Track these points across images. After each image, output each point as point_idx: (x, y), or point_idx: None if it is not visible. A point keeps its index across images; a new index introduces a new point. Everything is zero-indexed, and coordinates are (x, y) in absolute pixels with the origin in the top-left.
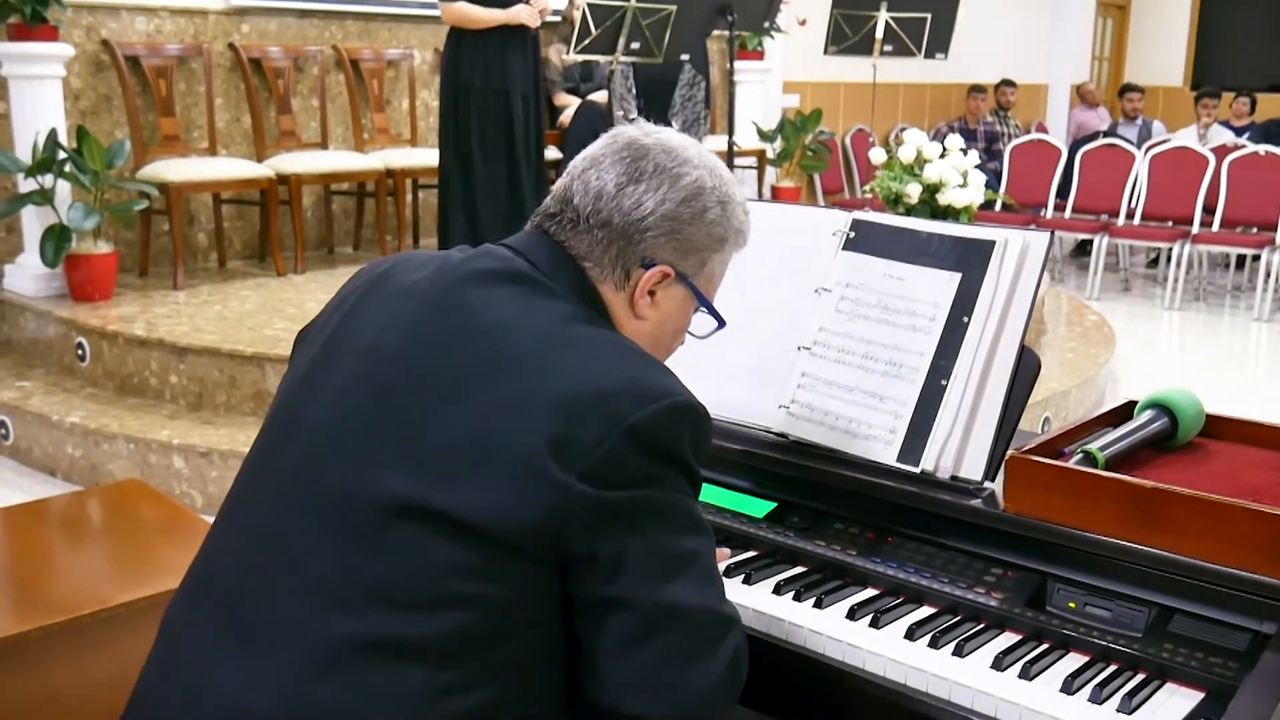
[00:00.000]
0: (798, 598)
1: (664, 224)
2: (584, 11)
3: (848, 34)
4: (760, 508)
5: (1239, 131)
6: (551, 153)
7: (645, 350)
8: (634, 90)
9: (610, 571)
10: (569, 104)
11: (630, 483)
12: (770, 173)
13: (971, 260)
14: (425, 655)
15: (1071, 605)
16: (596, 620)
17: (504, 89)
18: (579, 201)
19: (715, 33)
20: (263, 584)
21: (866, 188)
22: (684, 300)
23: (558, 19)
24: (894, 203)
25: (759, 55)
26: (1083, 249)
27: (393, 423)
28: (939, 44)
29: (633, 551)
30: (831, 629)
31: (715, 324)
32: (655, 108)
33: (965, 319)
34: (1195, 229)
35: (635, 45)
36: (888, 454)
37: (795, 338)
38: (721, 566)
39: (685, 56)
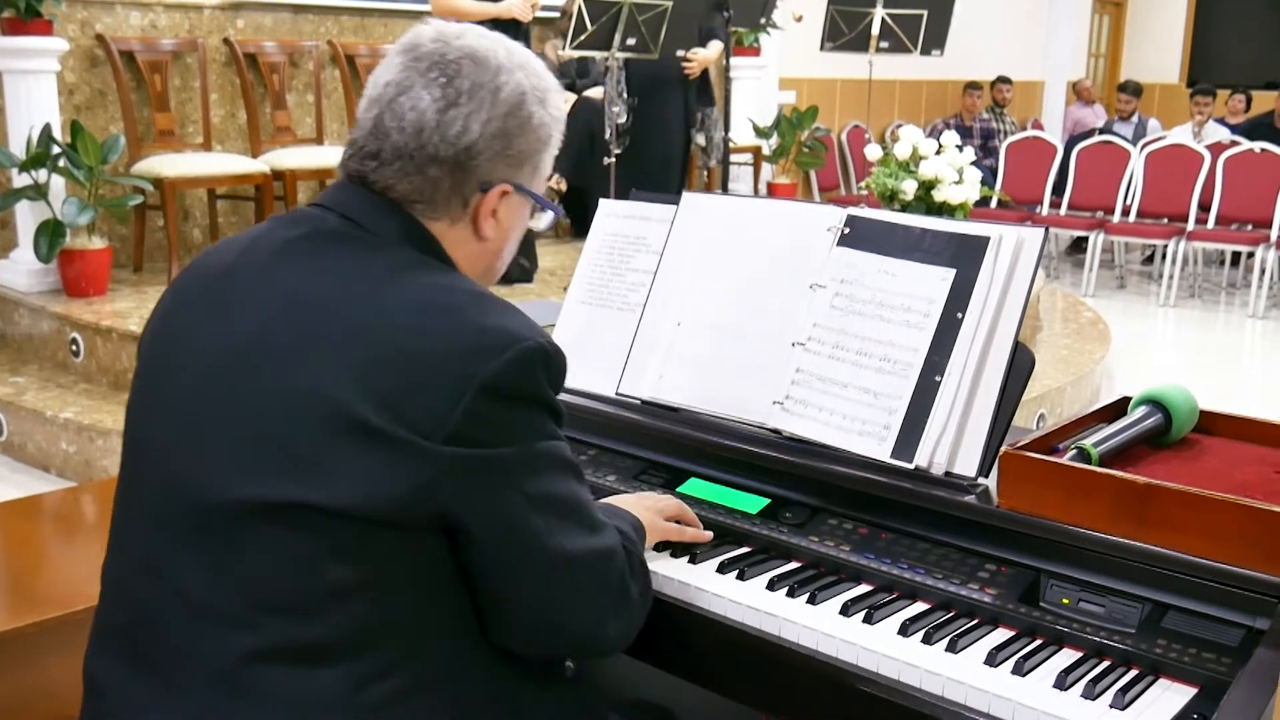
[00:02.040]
0: (791, 594)
1: (494, 144)
2: (580, 7)
3: (844, 30)
4: (754, 503)
5: (1234, 129)
6: None
7: (475, 285)
8: (624, 90)
9: (492, 529)
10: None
11: (497, 437)
12: (766, 169)
13: (966, 256)
14: (329, 652)
15: (1065, 601)
16: (486, 575)
17: None
18: (398, 138)
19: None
20: (156, 617)
21: (862, 184)
22: (521, 207)
23: (555, 14)
24: (890, 199)
25: (755, 51)
26: (1078, 246)
27: (235, 425)
28: (935, 41)
29: (512, 506)
30: (825, 625)
31: (551, 215)
32: (647, 106)
33: (959, 315)
34: (1190, 226)
35: (631, 41)
36: (882, 450)
37: (789, 333)
38: (716, 559)
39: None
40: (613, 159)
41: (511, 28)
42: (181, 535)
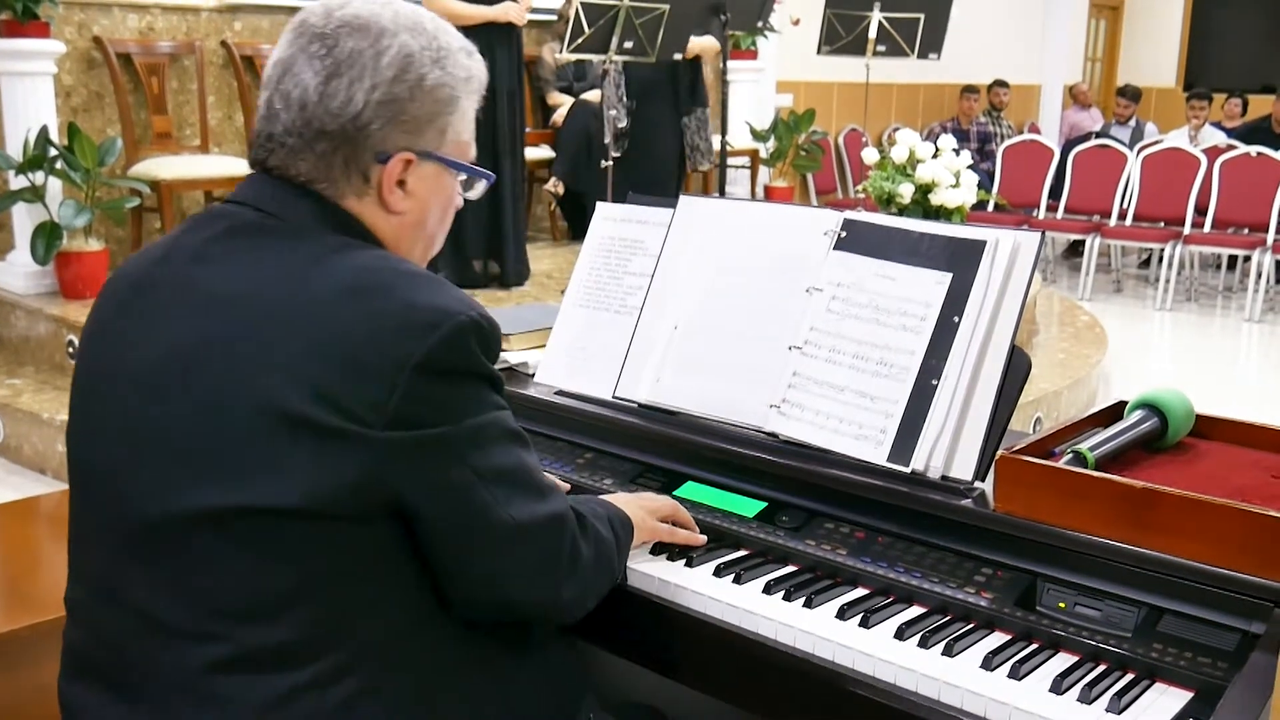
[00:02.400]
0: (787, 597)
1: (383, 111)
2: (577, 10)
3: (841, 34)
4: (750, 507)
5: (1231, 133)
6: (544, 152)
7: (403, 263)
8: (624, 93)
9: (442, 507)
10: (562, 103)
11: (438, 415)
12: (763, 172)
13: (962, 260)
14: (292, 653)
15: (1061, 605)
16: (439, 552)
17: (490, 87)
18: (286, 117)
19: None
20: (118, 640)
21: (859, 188)
22: (439, 176)
23: (552, 18)
24: (887, 203)
25: (752, 55)
26: (1075, 249)
27: (175, 437)
28: (932, 44)
29: (460, 482)
30: (821, 629)
31: (484, 181)
32: (645, 110)
33: (956, 319)
34: (1187, 230)
35: (629, 44)
36: (878, 454)
37: (786, 337)
38: (713, 562)
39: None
40: (610, 162)
41: (506, 32)
42: (133, 554)
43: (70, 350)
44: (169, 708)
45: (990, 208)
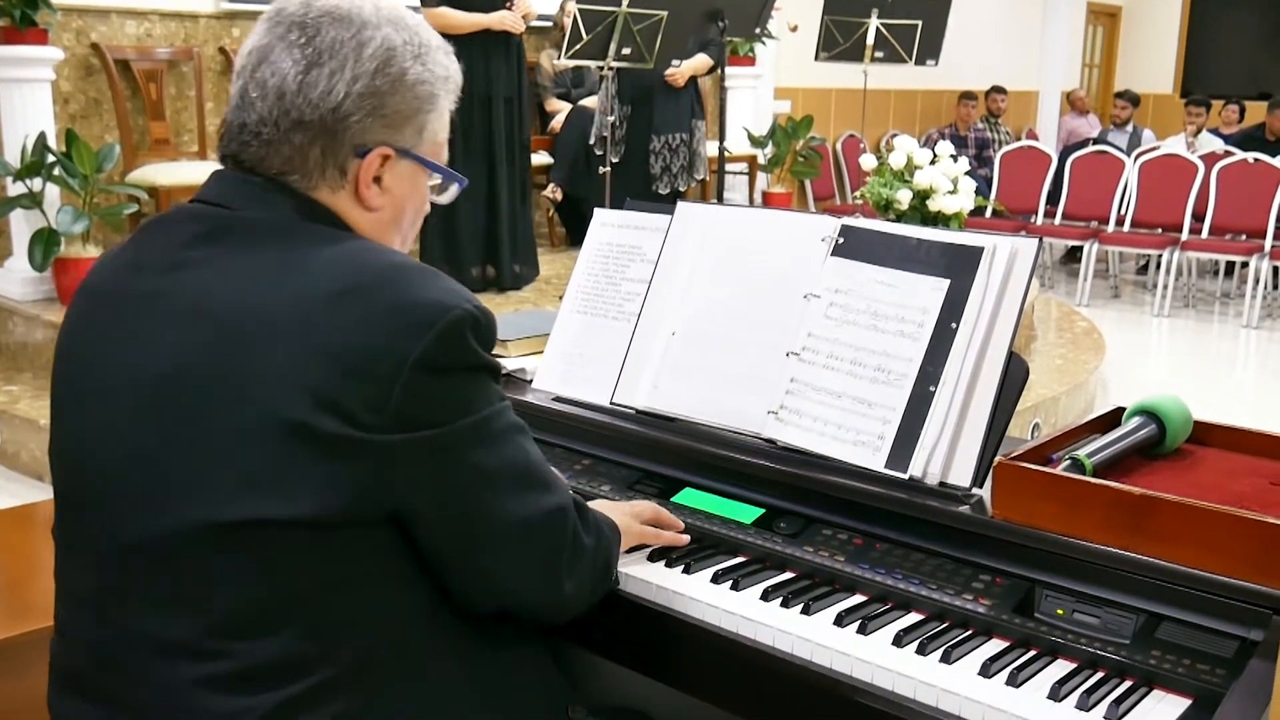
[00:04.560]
0: (785, 604)
1: (364, 103)
2: (575, 17)
3: (839, 40)
4: (748, 513)
5: (1228, 139)
6: (543, 158)
7: (391, 254)
8: (616, 100)
9: (446, 506)
10: (560, 109)
11: (440, 414)
12: (761, 178)
13: (960, 266)
14: (288, 667)
15: (1059, 612)
16: (443, 552)
17: (486, 95)
18: (261, 107)
19: None
20: (114, 656)
21: (857, 194)
22: (414, 175)
23: (549, 24)
24: (885, 209)
25: (750, 61)
26: (1073, 255)
27: (171, 449)
28: (930, 51)
29: (464, 481)
30: (819, 635)
31: (456, 184)
32: (639, 116)
33: (954, 325)
34: (1184, 236)
35: (626, 50)
36: (876, 460)
37: (784, 343)
38: (711, 569)
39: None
40: (608, 168)
41: (503, 40)
42: (126, 571)
43: None
44: None
45: (988, 214)
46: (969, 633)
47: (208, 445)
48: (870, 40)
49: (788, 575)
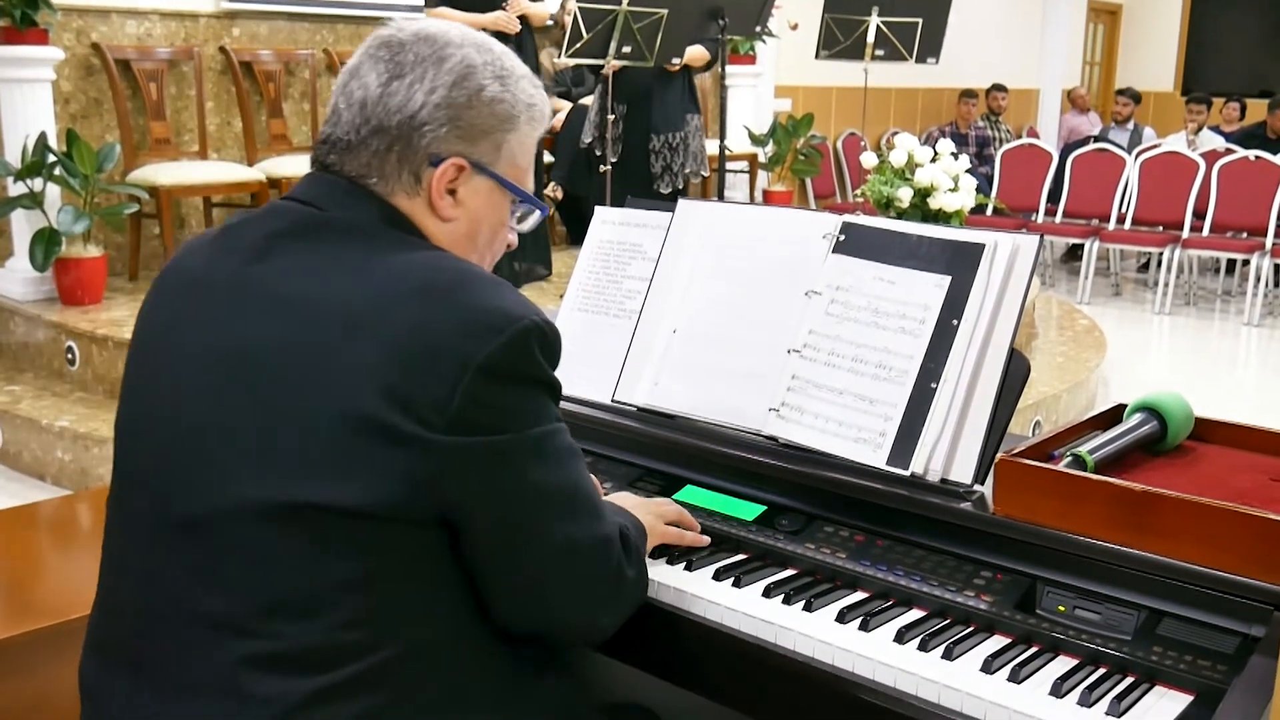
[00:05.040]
0: (787, 601)
1: (439, 113)
2: (575, 15)
3: (839, 38)
4: (750, 511)
5: (1229, 136)
6: (543, 157)
7: (465, 262)
8: (610, 100)
9: (493, 516)
10: (560, 108)
11: (498, 421)
12: (762, 177)
13: (961, 263)
14: (329, 654)
15: (1061, 608)
16: (484, 562)
17: None
18: (347, 117)
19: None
20: (157, 629)
21: (858, 192)
22: (491, 193)
23: (549, 24)
24: (885, 206)
25: (751, 59)
26: (1074, 253)
27: (238, 429)
28: (930, 49)
29: (514, 493)
30: (821, 632)
31: (536, 212)
32: (637, 115)
33: (955, 322)
34: (1185, 234)
35: (627, 49)
36: (877, 457)
37: (785, 340)
38: (712, 566)
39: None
40: (608, 167)
41: (504, 38)
42: (180, 544)
43: (69, 357)
44: (196, 699)
45: (989, 212)
46: (971, 629)
47: (272, 427)
48: (871, 38)
49: (789, 572)
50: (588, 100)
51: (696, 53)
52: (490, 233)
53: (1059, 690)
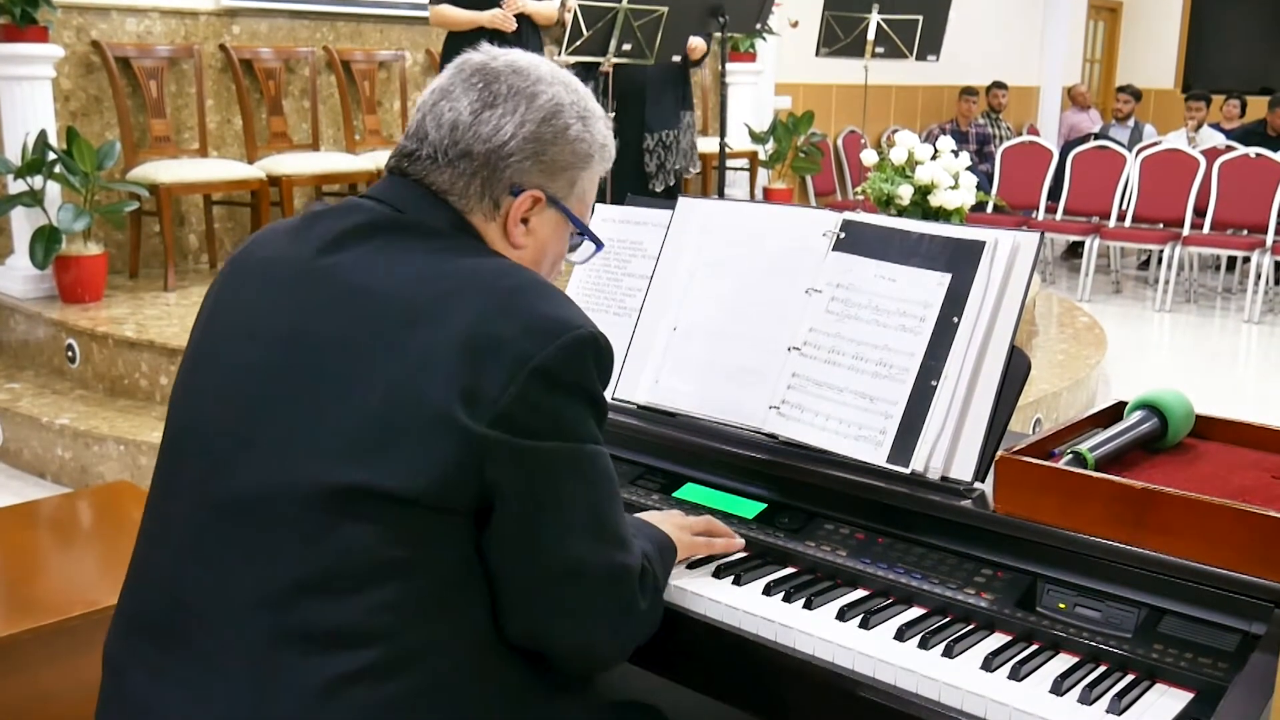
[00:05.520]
0: (788, 599)
1: (526, 146)
2: (575, 13)
3: (840, 36)
4: (750, 508)
5: (1229, 134)
6: None
7: (532, 271)
8: (609, 97)
9: (517, 515)
10: None
11: (543, 428)
12: (762, 174)
13: (962, 261)
14: (360, 636)
15: (1061, 606)
16: (496, 561)
17: None
18: (434, 136)
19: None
20: (194, 601)
21: (858, 189)
22: (558, 225)
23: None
24: (886, 204)
25: (751, 57)
26: (1074, 251)
27: (295, 408)
28: (930, 46)
29: (544, 503)
30: (821, 630)
31: (594, 247)
32: (631, 113)
33: (955, 319)
34: (1186, 231)
35: (627, 46)
36: (878, 455)
37: (785, 338)
38: (713, 564)
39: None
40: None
41: (504, 39)
42: (226, 519)
43: (69, 355)
44: (225, 673)
45: (989, 209)
46: (971, 627)
47: (327, 410)
48: (871, 36)
49: (790, 570)
50: None
51: (694, 42)
52: (552, 262)
53: (1059, 688)
